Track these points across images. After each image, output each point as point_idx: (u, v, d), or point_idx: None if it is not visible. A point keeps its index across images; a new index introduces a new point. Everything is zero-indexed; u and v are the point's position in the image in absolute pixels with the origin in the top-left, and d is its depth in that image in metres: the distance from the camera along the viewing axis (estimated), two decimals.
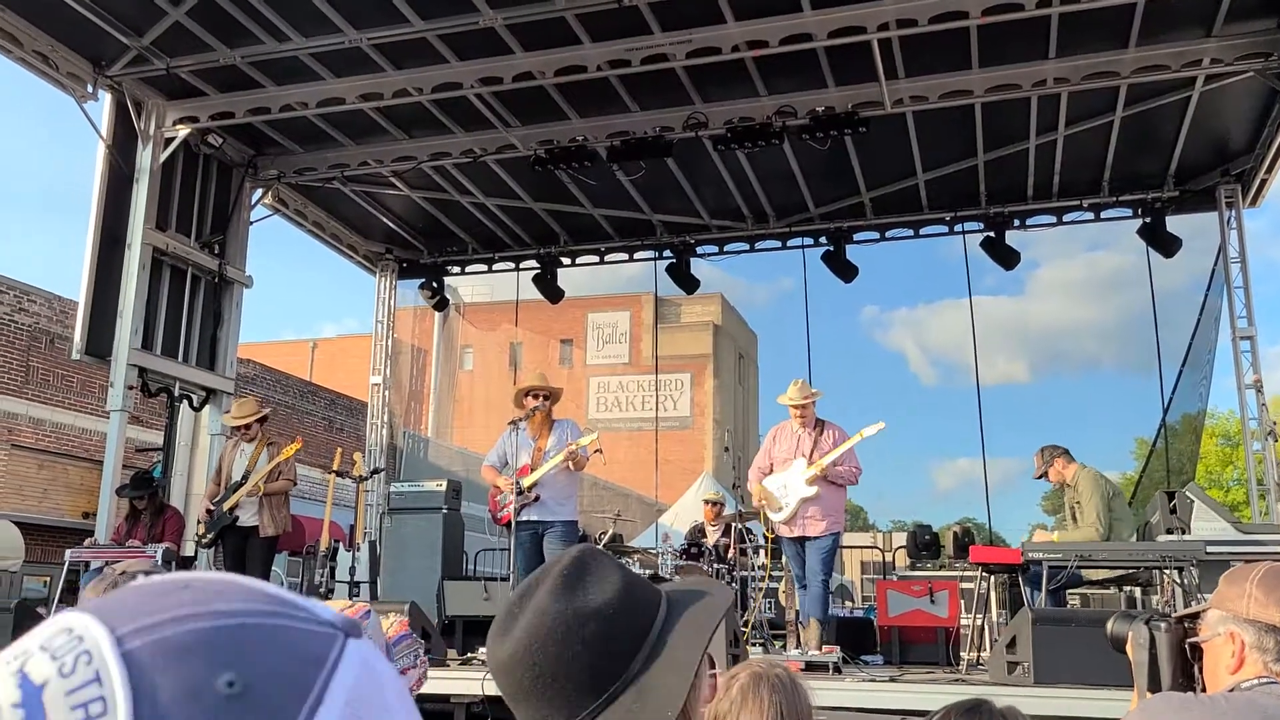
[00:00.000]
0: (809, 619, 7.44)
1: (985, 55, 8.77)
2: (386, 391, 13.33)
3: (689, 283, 12.59)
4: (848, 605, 14.40)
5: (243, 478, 8.18)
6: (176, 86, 9.54)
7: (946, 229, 11.94)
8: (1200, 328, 11.50)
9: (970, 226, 11.82)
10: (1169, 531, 7.01)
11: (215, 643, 0.45)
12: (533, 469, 7.40)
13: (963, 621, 8.41)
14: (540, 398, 7.53)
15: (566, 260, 13.16)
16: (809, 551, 7.54)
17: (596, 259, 13.26)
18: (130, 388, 9.31)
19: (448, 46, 8.79)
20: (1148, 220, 11.21)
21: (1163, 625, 2.15)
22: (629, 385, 35.72)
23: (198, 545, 8.36)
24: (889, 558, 14.07)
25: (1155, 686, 2.12)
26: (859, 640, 8.45)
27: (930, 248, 13.32)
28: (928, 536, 11.93)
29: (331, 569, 8.90)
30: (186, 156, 10.14)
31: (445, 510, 9.81)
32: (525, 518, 7.33)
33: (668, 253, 12.60)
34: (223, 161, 10.70)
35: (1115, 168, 10.84)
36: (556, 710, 1.08)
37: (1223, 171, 10.87)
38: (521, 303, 14.45)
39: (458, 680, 6.28)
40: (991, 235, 11.54)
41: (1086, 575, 7.47)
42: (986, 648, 7.65)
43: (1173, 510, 7.10)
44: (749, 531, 8.85)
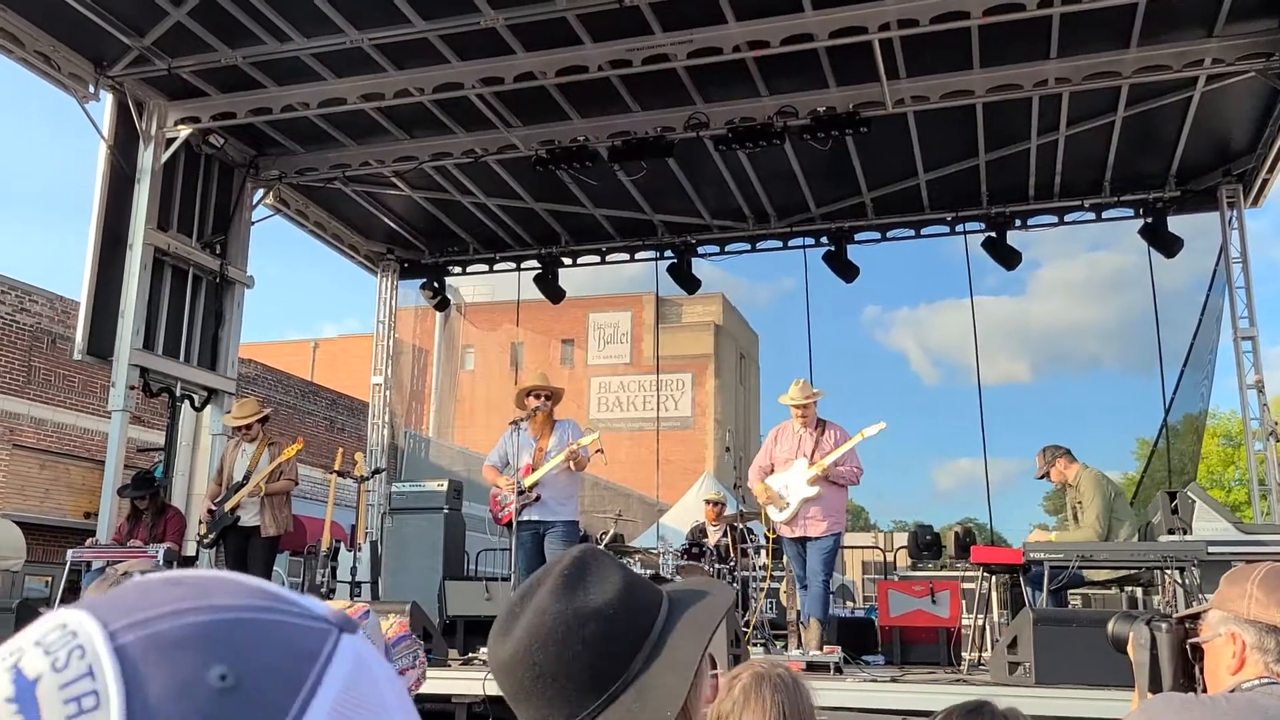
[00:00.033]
0: (810, 619, 7.44)
1: (986, 55, 8.77)
2: (388, 391, 13.33)
3: (690, 283, 12.59)
4: (849, 605, 14.41)
5: (244, 478, 8.18)
6: (178, 87, 9.55)
7: (948, 229, 11.94)
8: (1202, 328, 11.50)
9: (971, 226, 11.82)
10: (1170, 532, 7.00)
11: (208, 637, 0.46)
12: (534, 469, 7.40)
13: (964, 622, 8.40)
14: (542, 398, 7.54)
15: (568, 260, 13.16)
16: (810, 551, 7.53)
17: (598, 259, 13.26)
18: (132, 388, 9.32)
19: (449, 47, 8.80)
20: (1149, 220, 11.20)
21: (1164, 626, 2.15)
22: (630, 385, 35.72)
23: (199, 545, 8.36)
24: (890, 558, 14.05)
25: (1156, 687, 2.12)
26: (860, 640, 8.45)
27: (931, 248, 13.34)
28: (929, 536, 11.92)
29: (333, 569, 8.91)
30: (188, 157, 10.14)
31: (446, 510, 9.81)
32: (526, 518, 7.33)
33: (669, 253, 12.60)
34: (224, 162, 10.71)
35: (1116, 168, 10.84)
36: (557, 710, 1.08)
37: (1224, 171, 10.87)
38: (523, 303, 14.45)
39: (459, 680, 6.28)
40: (993, 235, 11.54)
41: (1088, 575, 7.46)
42: (988, 648, 7.64)
43: (1174, 510, 7.10)
44: (750, 531, 8.85)
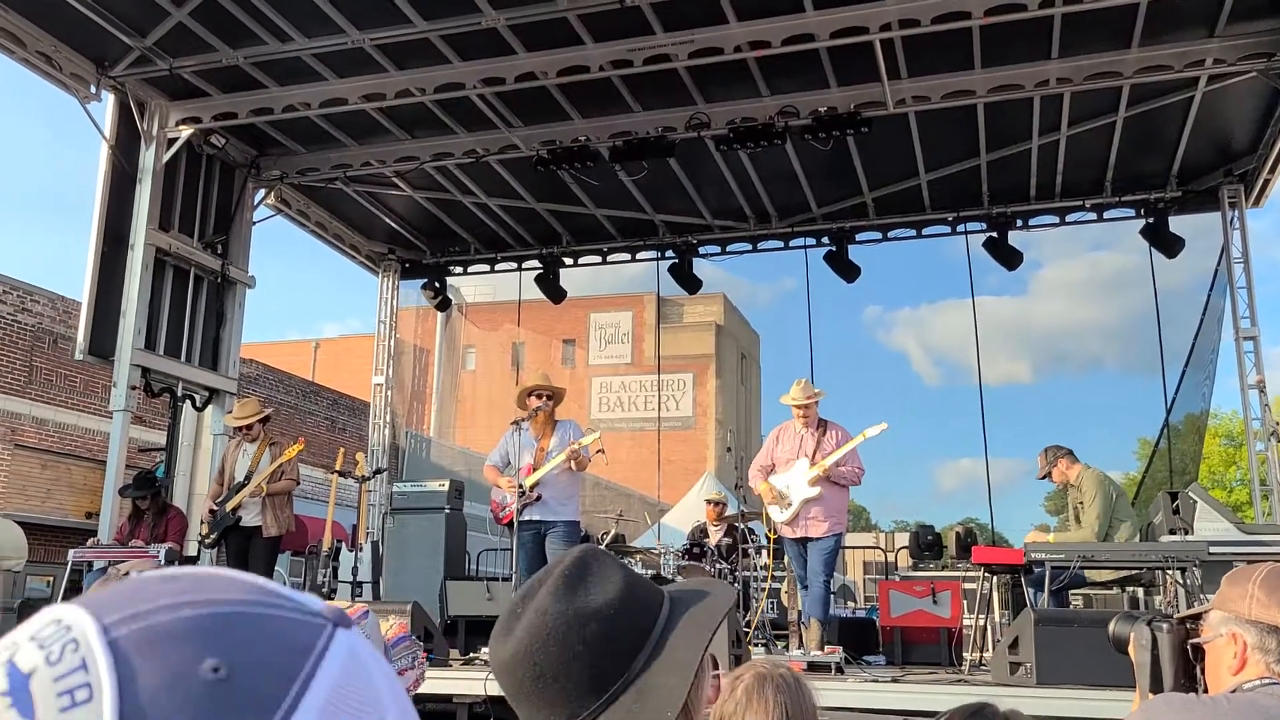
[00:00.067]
0: (810, 620, 7.44)
1: (988, 55, 8.77)
2: (389, 391, 13.33)
3: (691, 283, 12.59)
4: (850, 605, 14.40)
5: (246, 478, 8.19)
6: (179, 87, 9.55)
7: (949, 229, 11.93)
8: (1203, 328, 11.49)
9: (973, 227, 11.81)
10: (1172, 532, 7.01)
11: (201, 630, 0.46)
12: (535, 469, 7.40)
13: (965, 622, 8.40)
14: (543, 397, 7.54)
15: (569, 260, 13.16)
16: (811, 552, 7.53)
17: (599, 259, 13.26)
18: (133, 388, 9.32)
19: (450, 47, 8.80)
20: (1150, 220, 11.20)
21: (1165, 626, 2.15)
22: (631, 385, 35.72)
23: (201, 545, 8.37)
24: (891, 558, 14.05)
25: (1157, 687, 2.12)
26: (861, 640, 8.46)
27: (933, 248, 13.33)
28: (930, 537, 11.93)
29: (334, 569, 8.91)
30: (189, 157, 10.15)
31: (448, 510, 9.82)
32: (527, 517, 7.33)
33: (670, 253, 12.60)
34: (225, 162, 10.71)
35: (1118, 168, 10.84)
36: (558, 710, 1.08)
37: (1225, 172, 10.87)
38: (524, 303, 14.46)
39: (460, 680, 6.28)
40: (994, 235, 11.53)
41: (1089, 576, 7.46)
42: (989, 648, 7.65)
43: (1176, 511, 7.10)
44: (751, 532, 8.85)
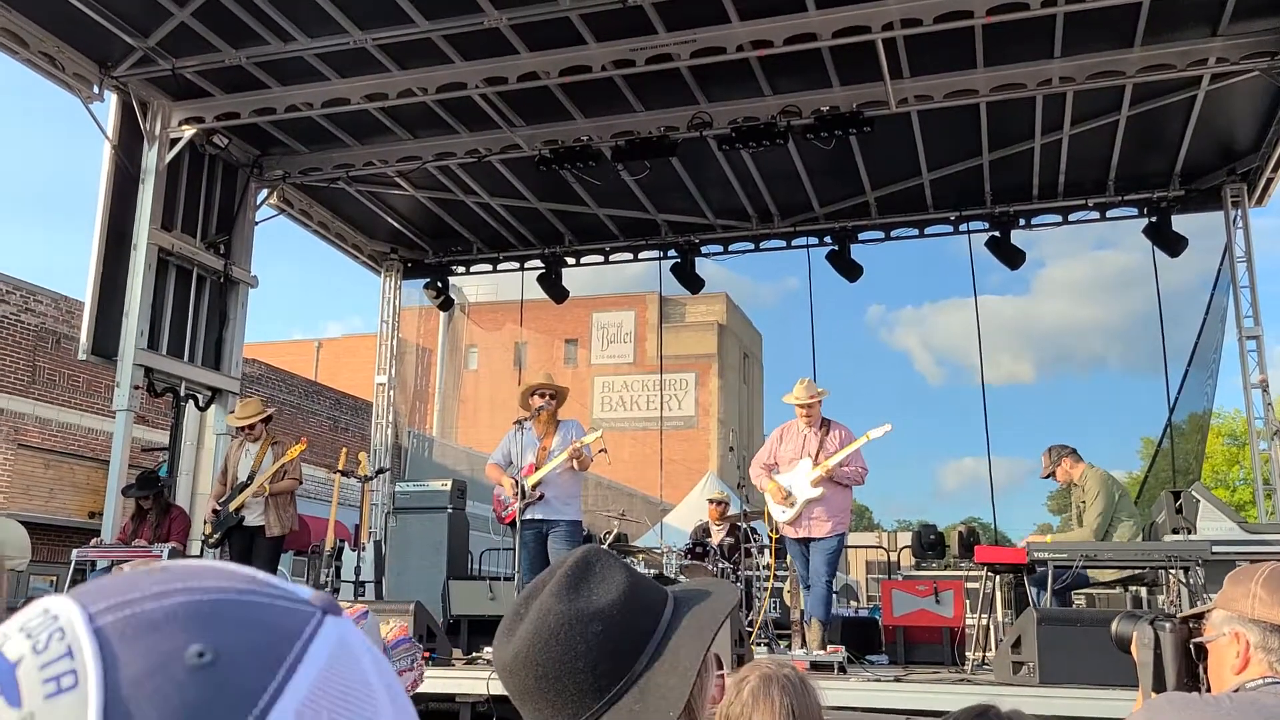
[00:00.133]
0: (812, 619, 7.43)
1: (990, 54, 8.76)
2: (391, 391, 13.34)
3: (694, 282, 12.59)
4: (853, 605, 14.40)
5: (248, 478, 8.20)
6: (182, 87, 9.56)
7: (951, 228, 11.92)
8: (1206, 327, 11.48)
9: (975, 226, 11.80)
10: (1175, 531, 7.00)
11: (186, 616, 0.46)
12: (537, 468, 7.40)
13: (968, 621, 8.40)
14: (546, 397, 7.54)
15: (571, 260, 13.16)
16: (814, 552, 7.52)
17: (601, 259, 13.26)
18: (136, 387, 9.34)
19: (452, 47, 8.81)
20: (1153, 219, 11.19)
21: (1167, 625, 2.15)
22: (634, 385, 35.73)
23: (204, 545, 8.38)
24: (894, 557, 14.05)
25: (1160, 686, 2.12)
26: (864, 640, 8.46)
27: (935, 247, 13.30)
28: (933, 536, 11.93)
29: (337, 568, 8.92)
30: (192, 157, 10.16)
31: (450, 510, 9.84)
32: (530, 517, 7.33)
33: (672, 252, 12.60)
34: (228, 162, 10.73)
35: (1120, 167, 10.82)
36: (561, 710, 1.08)
37: (1229, 171, 10.85)
38: (526, 302, 14.47)
39: (463, 680, 6.29)
40: (997, 235, 11.53)
41: (1093, 575, 7.46)
42: (992, 648, 7.65)
43: (1179, 510, 7.10)
44: (754, 531, 8.85)
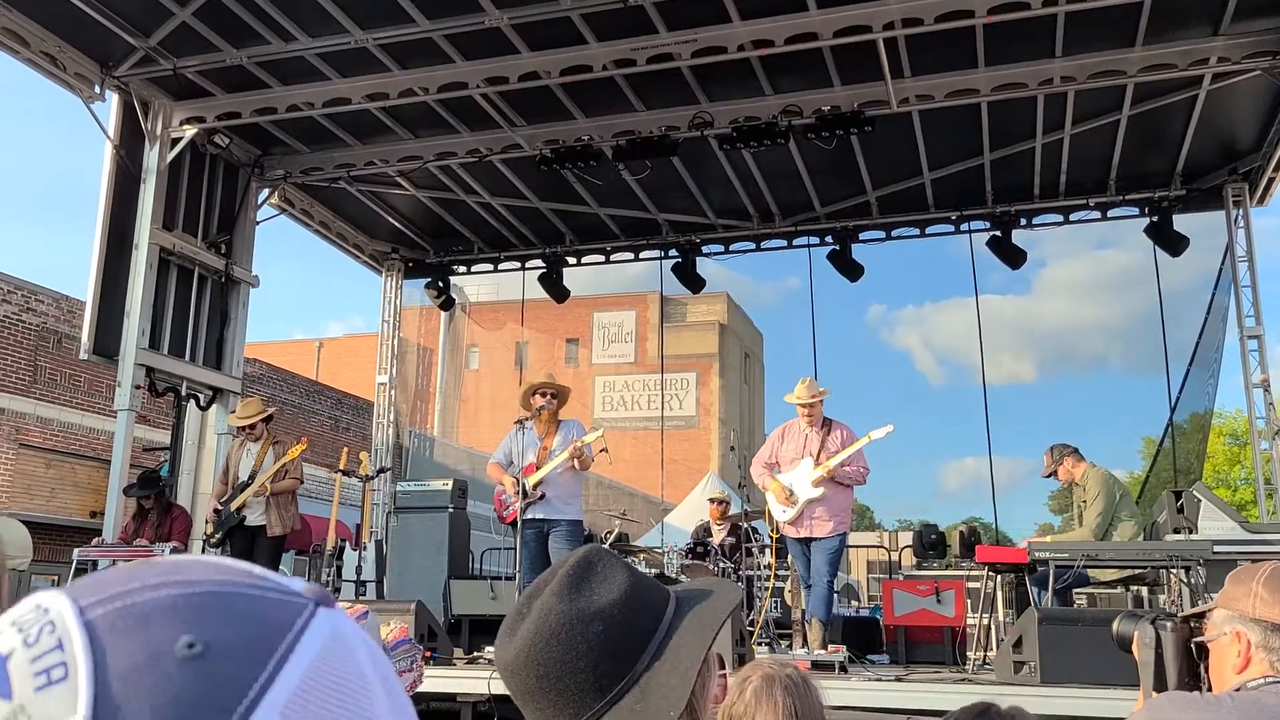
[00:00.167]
0: (812, 619, 7.43)
1: (991, 54, 8.76)
2: (392, 391, 13.35)
3: (695, 282, 12.59)
4: (854, 605, 14.40)
5: (250, 477, 8.20)
6: (183, 87, 9.57)
7: (953, 228, 11.92)
8: (1208, 326, 11.48)
9: (976, 225, 11.80)
10: (1176, 531, 7.00)
11: (177, 608, 0.46)
12: (538, 468, 7.40)
13: (969, 621, 8.40)
14: (548, 396, 7.53)
15: (572, 260, 13.16)
16: (815, 552, 7.52)
17: (602, 258, 13.26)
18: (137, 387, 9.34)
19: (453, 46, 8.81)
20: (1155, 219, 11.18)
21: (1169, 625, 2.15)
22: (635, 385, 35.73)
23: (205, 544, 8.39)
24: (895, 557, 14.06)
25: (1161, 686, 2.12)
26: (865, 639, 8.46)
27: (936, 247, 13.32)
28: (934, 536, 11.93)
29: (338, 568, 8.92)
30: (193, 157, 10.17)
31: (451, 509, 9.84)
32: (531, 516, 7.33)
33: (673, 252, 12.60)
34: (229, 162, 10.73)
35: (1122, 166, 10.82)
36: (562, 710, 1.08)
37: (1230, 170, 10.85)
38: (527, 302, 14.47)
39: (464, 679, 6.29)
40: (998, 234, 11.53)
41: (1094, 575, 7.46)
42: (993, 647, 7.65)
43: (1180, 510, 7.10)
44: (755, 531, 8.85)
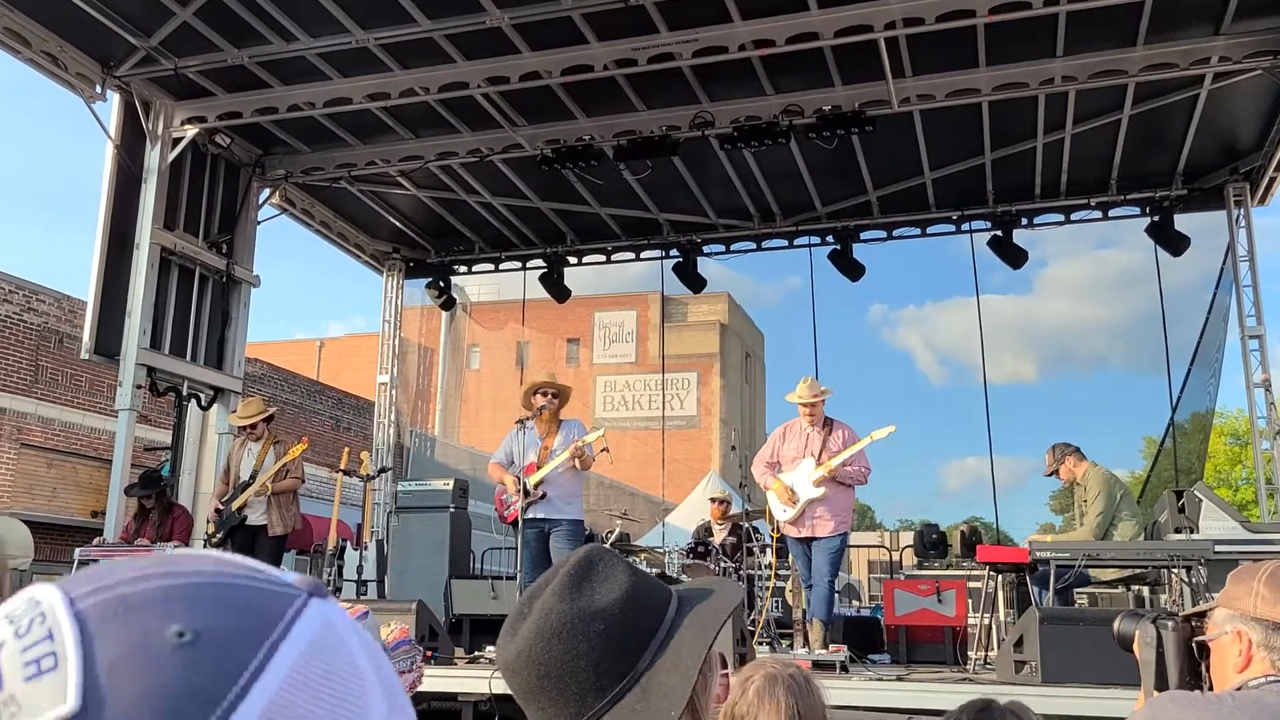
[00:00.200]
0: (814, 619, 7.43)
1: (992, 54, 8.76)
2: (393, 390, 13.35)
3: (696, 282, 12.58)
4: (855, 604, 14.40)
5: (251, 477, 8.21)
6: (184, 87, 9.57)
7: (954, 228, 11.92)
8: (1209, 326, 11.47)
9: (977, 225, 11.79)
10: (1177, 530, 7.00)
11: (167, 598, 0.46)
12: (539, 467, 7.40)
13: (970, 621, 8.40)
14: (549, 395, 7.54)
15: (573, 259, 13.16)
16: (816, 551, 7.52)
17: (603, 258, 13.25)
18: (139, 387, 9.35)
19: (454, 46, 8.81)
20: (1156, 219, 11.18)
21: (1170, 624, 2.15)
22: (635, 384, 35.73)
23: (207, 543, 8.39)
24: (896, 557, 14.05)
25: (1162, 685, 2.12)
26: (866, 639, 8.45)
27: (937, 246, 13.30)
28: (935, 536, 11.93)
29: (339, 568, 8.92)
30: (194, 156, 10.17)
31: (452, 509, 9.84)
32: (532, 516, 7.33)
33: (674, 252, 12.59)
34: (230, 161, 10.74)
35: (1123, 166, 10.81)
36: (563, 709, 1.08)
37: (1231, 170, 10.84)
38: (528, 302, 14.47)
39: (465, 679, 6.29)
40: (999, 234, 11.52)
41: (1095, 575, 7.45)
42: (994, 647, 7.64)
43: (1181, 509, 7.09)
44: (756, 530, 8.85)
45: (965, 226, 11.86)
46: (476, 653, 7.28)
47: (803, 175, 10.98)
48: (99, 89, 9.26)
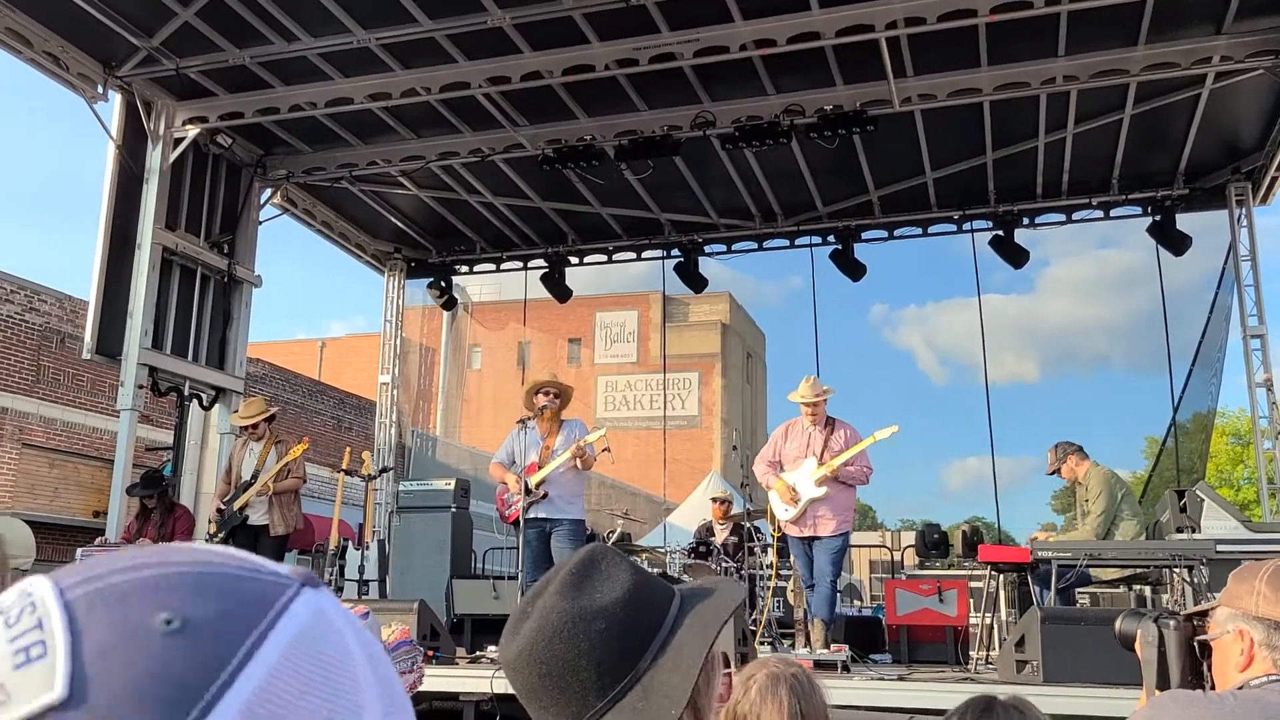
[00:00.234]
0: (815, 618, 7.43)
1: (994, 53, 8.75)
2: (395, 390, 13.36)
3: (697, 281, 12.58)
4: (856, 604, 14.40)
5: (252, 477, 8.21)
6: (186, 87, 9.57)
7: (955, 227, 11.91)
8: (1211, 326, 11.46)
9: (979, 225, 11.78)
10: (1179, 530, 6.99)
11: (156, 587, 0.47)
12: (540, 467, 7.40)
13: (971, 620, 8.40)
14: (550, 395, 7.54)
15: (574, 259, 13.16)
16: (818, 551, 7.52)
17: (604, 258, 13.26)
18: (140, 387, 9.35)
19: (456, 46, 8.81)
20: (1157, 218, 11.17)
21: (1171, 623, 2.15)
22: (637, 384, 35.73)
23: (208, 543, 8.40)
24: (898, 557, 14.05)
25: (1164, 684, 2.12)
26: (867, 639, 8.45)
27: (939, 246, 13.30)
28: (936, 535, 11.93)
29: (341, 567, 8.93)
30: (196, 156, 10.18)
31: (454, 509, 9.85)
32: (533, 516, 7.33)
33: (676, 251, 12.59)
34: (232, 161, 10.74)
35: (1125, 165, 10.81)
36: (565, 708, 1.08)
37: (1233, 169, 10.83)
38: (529, 302, 14.46)
39: (466, 678, 6.29)
40: (1000, 234, 11.52)
41: (1097, 574, 7.45)
42: (995, 646, 7.64)
43: (1183, 509, 7.09)
44: (757, 530, 8.85)
45: (967, 226, 11.85)
46: (478, 652, 7.28)
47: (804, 175, 10.98)
48: (100, 89, 9.27)
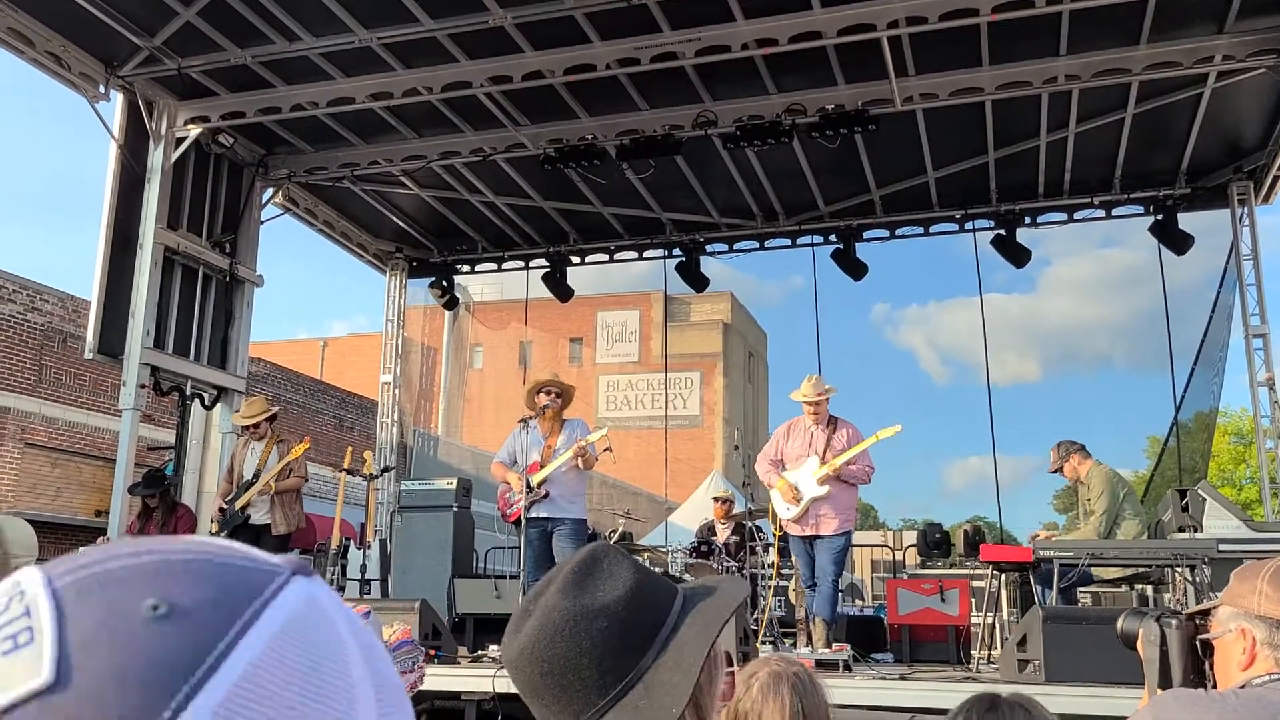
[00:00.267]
0: (817, 618, 7.43)
1: (995, 52, 8.75)
2: (396, 390, 13.36)
3: (698, 281, 12.58)
4: (858, 604, 14.40)
5: (254, 476, 8.22)
6: (188, 86, 9.58)
7: (957, 227, 11.91)
8: (1213, 325, 11.46)
9: (981, 224, 11.78)
10: (1181, 530, 6.99)
11: (144, 574, 0.47)
12: (542, 466, 7.41)
13: (973, 620, 8.39)
14: (552, 394, 7.54)
15: (576, 259, 13.16)
16: (820, 550, 7.52)
17: (606, 257, 13.25)
18: (142, 386, 9.36)
19: (457, 45, 8.81)
20: (1159, 217, 11.16)
21: (1174, 622, 2.15)
22: (638, 384, 35.74)
23: None
24: (899, 556, 14.05)
25: (1166, 683, 2.12)
26: (869, 638, 8.45)
27: (941, 245, 13.29)
28: (938, 535, 11.93)
29: (343, 567, 8.93)
30: (197, 156, 10.18)
31: (455, 508, 9.85)
32: (535, 515, 7.34)
33: (677, 251, 12.60)
34: (233, 161, 10.75)
35: (1127, 165, 10.80)
36: (567, 706, 1.08)
37: (1235, 168, 10.82)
38: (531, 301, 14.47)
39: (468, 678, 6.30)
40: (1002, 233, 11.51)
41: (1098, 574, 7.44)
42: (997, 646, 7.64)
43: (1185, 508, 7.09)
44: (759, 529, 8.85)
45: (968, 225, 11.84)
46: (480, 652, 7.29)
47: (805, 174, 10.98)
48: (102, 89, 9.28)
